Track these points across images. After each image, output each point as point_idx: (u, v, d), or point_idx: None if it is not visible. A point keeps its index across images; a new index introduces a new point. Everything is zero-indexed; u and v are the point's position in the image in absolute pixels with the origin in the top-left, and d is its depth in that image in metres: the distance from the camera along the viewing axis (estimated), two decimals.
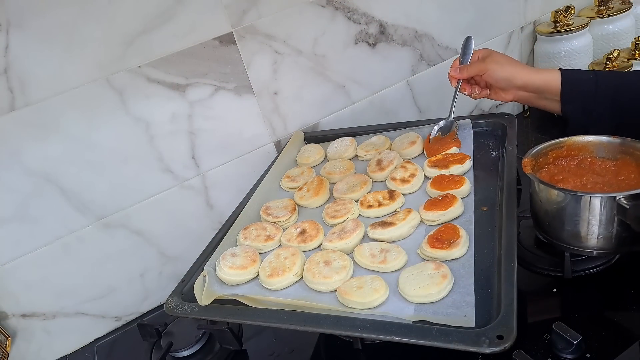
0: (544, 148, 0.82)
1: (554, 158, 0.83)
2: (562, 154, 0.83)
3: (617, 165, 0.78)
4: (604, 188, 0.74)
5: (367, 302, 0.68)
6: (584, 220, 0.71)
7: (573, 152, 0.82)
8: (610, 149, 0.80)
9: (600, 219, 0.70)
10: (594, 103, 0.88)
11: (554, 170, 0.81)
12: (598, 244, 0.73)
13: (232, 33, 1.04)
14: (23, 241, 0.96)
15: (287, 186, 1.04)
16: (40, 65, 0.88)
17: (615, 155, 0.80)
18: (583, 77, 0.90)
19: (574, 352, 0.69)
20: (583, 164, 0.80)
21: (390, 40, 1.25)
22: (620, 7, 1.37)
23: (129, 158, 1.02)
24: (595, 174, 0.78)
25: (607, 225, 0.70)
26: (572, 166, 0.81)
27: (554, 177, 0.79)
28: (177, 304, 0.77)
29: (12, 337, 1.00)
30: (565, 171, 0.80)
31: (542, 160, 0.82)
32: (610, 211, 0.68)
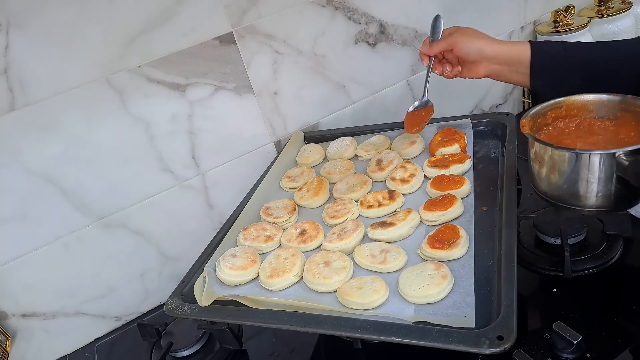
0: (543, 108, 0.80)
1: (552, 119, 0.81)
2: (561, 114, 0.81)
3: (616, 124, 0.77)
4: (604, 146, 0.73)
5: (367, 302, 0.68)
6: (582, 179, 0.69)
7: (572, 112, 0.80)
8: (610, 108, 0.78)
9: (600, 177, 0.68)
10: (562, 77, 0.86)
11: (553, 132, 0.79)
12: (597, 202, 0.71)
13: (232, 33, 1.04)
14: (23, 241, 0.96)
15: (287, 186, 1.04)
16: (40, 65, 0.88)
17: (615, 113, 0.78)
18: (552, 50, 0.88)
19: (574, 352, 0.69)
20: (582, 125, 0.79)
21: (390, 40, 1.25)
22: (620, 7, 1.37)
23: (129, 158, 1.02)
24: (595, 134, 0.77)
25: (607, 182, 0.68)
26: (571, 127, 0.79)
27: (553, 139, 0.78)
28: (177, 304, 0.77)
29: (12, 337, 1.00)
30: (565, 133, 0.79)
31: (541, 121, 0.80)
32: (610, 168, 0.67)
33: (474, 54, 0.92)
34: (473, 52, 0.92)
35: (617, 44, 0.89)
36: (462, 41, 0.93)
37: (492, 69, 0.93)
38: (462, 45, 0.93)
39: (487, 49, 0.91)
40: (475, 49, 0.92)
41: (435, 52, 0.97)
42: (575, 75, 0.85)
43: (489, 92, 1.44)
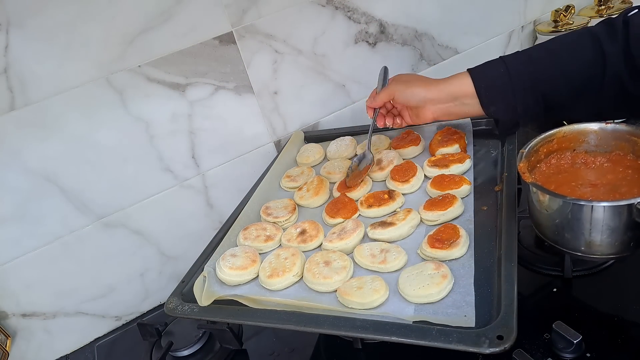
0: (535, 145, 0.78)
1: (545, 154, 0.79)
2: (552, 148, 0.79)
3: (611, 161, 0.76)
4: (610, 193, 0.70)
5: (367, 302, 0.68)
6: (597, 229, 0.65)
7: (564, 145, 0.79)
8: (603, 137, 0.77)
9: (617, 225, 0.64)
10: (514, 97, 0.82)
11: (547, 171, 0.78)
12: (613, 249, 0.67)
13: (232, 32, 1.04)
14: (23, 241, 0.96)
15: (287, 186, 1.04)
16: (40, 64, 0.88)
17: (609, 143, 0.76)
18: (493, 73, 0.84)
19: (574, 352, 0.69)
20: (577, 163, 0.77)
21: (391, 40, 1.25)
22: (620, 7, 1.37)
23: (129, 158, 1.02)
24: (591, 171, 0.76)
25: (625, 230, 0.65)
26: (565, 166, 0.77)
27: (549, 178, 0.76)
28: (177, 304, 0.77)
29: (12, 336, 1.00)
30: (561, 171, 0.77)
31: (534, 159, 0.78)
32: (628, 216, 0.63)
33: (414, 100, 0.90)
34: (412, 98, 0.90)
35: (556, 42, 0.83)
36: (400, 89, 0.91)
37: (438, 109, 0.90)
38: (400, 93, 0.91)
39: (425, 92, 0.89)
40: (412, 94, 0.90)
41: (378, 104, 0.95)
42: (526, 93, 0.82)
43: None
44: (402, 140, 1.03)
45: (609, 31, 0.77)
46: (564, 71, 0.80)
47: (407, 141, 1.02)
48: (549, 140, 0.79)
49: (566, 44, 0.81)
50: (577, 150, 0.79)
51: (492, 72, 0.84)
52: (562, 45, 0.82)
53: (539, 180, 0.74)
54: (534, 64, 0.82)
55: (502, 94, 0.83)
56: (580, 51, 0.79)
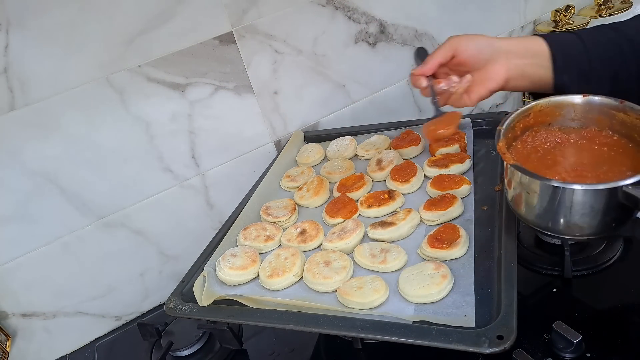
0: (512, 121, 0.73)
1: (521, 130, 0.74)
2: (529, 123, 0.74)
3: (585, 137, 0.73)
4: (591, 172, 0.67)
5: (367, 302, 0.68)
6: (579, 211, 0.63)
7: (540, 119, 0.74)
8: (580, 111, 0.73)
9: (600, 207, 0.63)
10: (590, 67, 0.73)
11: (523, 150, 0.73)
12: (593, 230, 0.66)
13: (232, 32, 1.04)
14: (23, 241, 0.96)
15: (287, 186, 1.04)
16: (40, 64, 0.88)
17: (586, 116, 0.73)
18: (567, 39, 0.74)
19: (574, 352, 0.69)
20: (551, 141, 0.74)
21: (391, 40, 1.25)
22: (621, 7, 1.37)
23: (129, 157, 1.02)
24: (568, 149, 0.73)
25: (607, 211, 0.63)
26: (541, 144, 0.73)
27: (527, 157, 0.72)
28: (177, 304, 0.77)
29: (13, 336, 1.00)
30: (537, 150, 0.73)
31: (511, 135, 0.73)
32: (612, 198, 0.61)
33: (485, 49, 0.74)
34: (485, 47, 0.74)
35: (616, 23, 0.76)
36: (464, 40, 0.75)
37: (514, 65, 0.74)
38: (465, 43, 0.74)
39: (499, 42, 0.74)
40: (483, 43, 0.74)
41: (431, 66, 0.77)
42: (602, 65, 0.73)
43: None
44: (402, 140, 1.03)
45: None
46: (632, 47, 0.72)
47: (407, 141, 1.02)
48: (525, 115, 0.74)
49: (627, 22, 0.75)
50: (552, 125, 0.76)
51: (564, 37, 0.74)
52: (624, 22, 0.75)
53: (518, 160, 0.70)
54: (604, 36, 0.74)
55: (576, 62, 0.73)
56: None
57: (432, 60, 0.76)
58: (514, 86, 0.76)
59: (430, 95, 0.79)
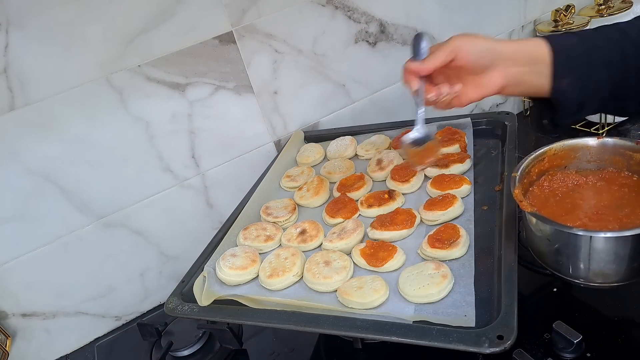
0: (527, 166, 0.72)
1: (537, 174, 0.74)
2: (544, 167, 0.74)
3: (604, 179, 0.71)
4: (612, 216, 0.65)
5: (367, 302, 0.68)
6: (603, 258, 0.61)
7: (555, 162, 0.74)
8: (595, 152, 0.73)
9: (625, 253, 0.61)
10: (590, 70, 0.70)
11: (541, 194, 0.72)
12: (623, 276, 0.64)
13: (232, 32, 1.04)
14: (23, 241, 0.96)
15: (287, 186, 1.04)
16: (40, 64, 0.88)
17: (602, 158, 0.72)
18: (569, 42, 0.71)
19: (574, 352, 0.69)
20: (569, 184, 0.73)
21: (391, 40, 1.25)
22: (621, 6, 1.37)
23: (129, 157, 1.02)
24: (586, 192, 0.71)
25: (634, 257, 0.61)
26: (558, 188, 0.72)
27: (545, 203, 0.71)
28: (177, 304, 0.77)
29: (12, 336, 1.00)
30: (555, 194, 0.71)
31: (527, 181, 0.72)
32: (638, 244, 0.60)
33: (487, 55, 0.70)
34: (486, 53, 0.70)
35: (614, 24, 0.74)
36: (467, 44, 0.71)
37: (511, 73, 0.71)
38: (467, 48, 0.70)
39: (501, 47, 0.71)
40: (485, 48, 0.70)
41: (430, 67, 0.72)
42: (602, 68, 0.70)
43: None
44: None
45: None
46: (635, 49, 0.69)
47: None
48: (540, 160, 0.74)
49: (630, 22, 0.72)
50: (568, 169, 0.75)
51: (567, 40, 0.71)
52: (627, 22, 0.72)
53: (535, 205, 0.69)
54: (606, 36, 0.71)
55: (578, 66, 0.70)
56: None
57: (430, 62, 0.72)
58: (509, 92, 0.75)
59: (417, 100, 0.75)
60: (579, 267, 0.65)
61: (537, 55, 0.71)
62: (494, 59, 0.71)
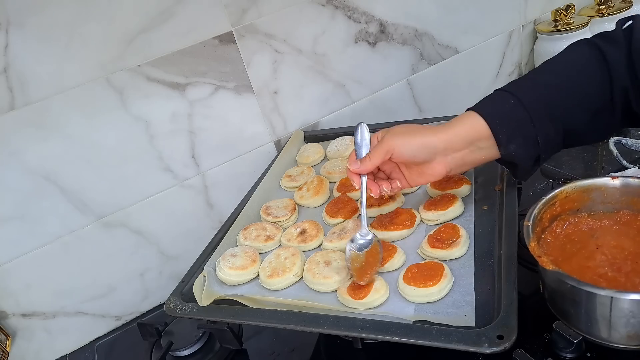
0: (538, 213, 0.68)
1: (549, 220, 0.69)
2: (556, 212, 0.70)
3: (620, 223, 0.67)
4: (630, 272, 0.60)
5: (368, 302, 0.68)
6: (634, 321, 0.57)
7: (567, 206, 0.70)
8: (609, 194, 0.68)
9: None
10: (534, 128, 0.69)
11: (554, 242, 0.67)
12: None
13: (232, 32, 1.04)
14: (23, 240, 0.96)
15: (287, 186, 1.04)
16: (40, 64, 0.88)
17: (617, 199, 0.68)
18: (505, 107, 0.70)
19: (574, 351, 0.68)
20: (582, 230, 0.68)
21: (391, 39, 1.25)
22: (621, 6, 1.37)
23: (129, 157, 1.02)
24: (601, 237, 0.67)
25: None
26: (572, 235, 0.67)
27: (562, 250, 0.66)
28: (177, 304, 0.77)
29: (12, 336, 1.00)
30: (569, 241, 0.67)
31: (539, 229, 0.67)
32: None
33: (423, 153, 0.72)
34: (420, 152, 0.72)
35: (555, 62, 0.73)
36: (400, 143, 0.72)
37: (452, 159, 0.73)
38: (400, 148, 0.72)
39: (435, 141, 0.71)
40: (419, 147, 0.72)
41: (368, 169, 0.75)
42: (546, 122, 0.69)
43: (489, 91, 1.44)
44: None
45: (609, 41, 0.69)
46: (576, 91, 0.69)
47: None
48: (551, 204, 0.69)
49: (568, 61, 0.72)
50: (580, 212, 0.71)
51: (503, 106, 0.71)
52: (564, 63, 0.72)
53: (551, 254, 0.65)
54: (545, 88, 0.70)
55: (520, 128, 0.69)
56: (585, 65, 0.70)
57: (368, 164, 0.75)
58: (458, 172, 0.77)
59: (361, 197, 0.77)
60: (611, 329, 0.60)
61: (473, 135, 0.71)
62: (428, 154, 0.72)
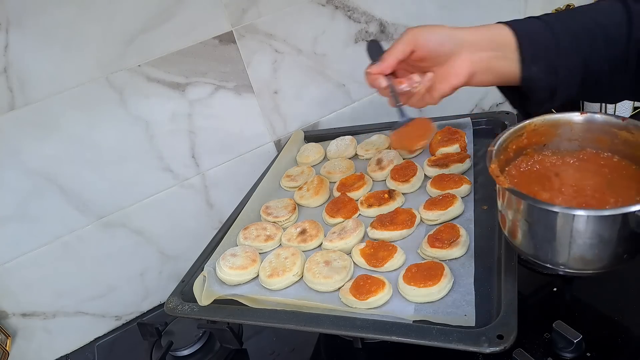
0: (504, 141, 0.67)
1: (515, 151, 0.69)
2: (522, 144, 0.69)
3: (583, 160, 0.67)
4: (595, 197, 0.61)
5: (371, 302, 0.68)
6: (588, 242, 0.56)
7: (534, 139, 0.69)
8: (577, 130, 0.67)
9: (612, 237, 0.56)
10: (557, 56, 0.66)
11: (518, 175, 0.67)
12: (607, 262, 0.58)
13: (232, 32, 1.04)
14: (23, 240, 0.96)
15: (287, 185, 1.04)
16: (39, 64, 0.88)
17: (584, 136, 0.67)
18: (533, 28, 0.68)
19: (574, 351, 0.69)
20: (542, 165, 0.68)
21: (391, 39, 1.25)
22: None
23: (129, 157, 1.02)
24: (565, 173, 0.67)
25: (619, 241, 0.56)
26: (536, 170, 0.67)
27: (522, 182, 0.66)
28: (177, 304, 0.77)
29: (13, 336, 1.00)
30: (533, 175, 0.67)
31: (504, 157, 0.67)
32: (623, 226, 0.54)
33: (447, 42, 0.67)
34: (447, 39, 0.67)
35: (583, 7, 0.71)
36: (423, 33, 0.68)
37: (478, 58, 0.68)
38: (425, 37, 0.67)
39: (461, 33, 0.67)
40: (444, 35, 0.67)
41: (390, 63, 0.69)
42: (570, 53, 0.67)
43: (489, 91, 1.44)
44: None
45: None
46: (599, 33, 0.66)
47: None
48: (518, 135, 0.68)
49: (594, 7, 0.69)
50: (547, 146, 0.70)
51: (532, 26, 0.68)
52: (592, 8, 0.69)
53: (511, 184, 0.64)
54: (573, 22, 0.67)
55: (545, 51, 0.67)
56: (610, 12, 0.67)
57: (390, 57, 0.69)
58: (480, 81, 0.70)
59: (391, 96, 0.72)
60: (560, 253, 0.59)
61: (501, 40, 0.67)
62: (455, 45, 0.67)
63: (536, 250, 0.62)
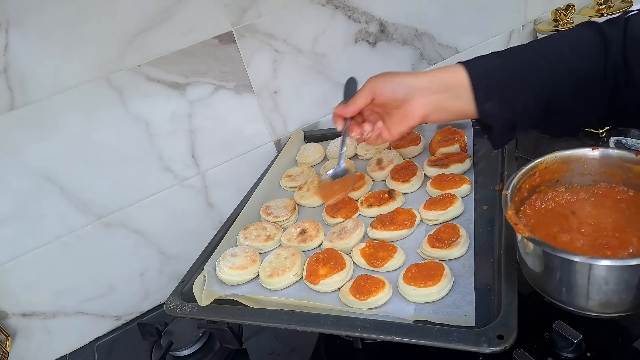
0: (518, 182, 0.68)
1: (528, 191, 0.69)
2: (535, 182, 0.70)
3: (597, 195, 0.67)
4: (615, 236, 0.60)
5: (372, 302, 0.68)
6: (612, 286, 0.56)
7: (547, 177, 0.70)
8: (590, 165, 0.68)
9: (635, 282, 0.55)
10: (513, 92, 0.69)
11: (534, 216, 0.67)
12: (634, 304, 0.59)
13: (232, 32, 1.04)
14: (23, 240, 0.96)
15: (287, 185, 1.04)
16: (39, 64, 0.88)
17: (597, 170, 0.68)
18: (490, 65, 0.71)
19: (574, 351, 0.68)
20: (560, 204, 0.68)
21: (391, 39, 1.25)
22: (621, 6, 1.37)
23: (129, 157, 1.02)
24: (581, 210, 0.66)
25: None
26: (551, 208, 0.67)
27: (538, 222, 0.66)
28: (177, 304, 0.77)
29: (12, 336, 1.00)
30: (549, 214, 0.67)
31: (518, 199, 0.67)
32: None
33: (402, 90, 0.74)
34: (399, 88, 0.74)
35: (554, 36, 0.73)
36: (380, 83, 0.76)
37: (429, 102, 0.73)
38: (381, 86, 0.76)
39: (414, 80, 0.74)
40: (398, 84, 0.75)
41: (353, 110, 0.79)
42: (526, 88, 0.69)
43: None
44: (402, 139, 1.03)
45: (610, 23, 0.68)
46: (567, 63, 0.68)
47: (407, 141, 1.02)
48: (531, 174, 0.69)
49: (566, 35, 0.71)
50: (560, 182, 0.71)
51: (488, 64, 0.72)
52: (563, 36, 0.72)
53: (528, 226, 0.64)
54: (534, 55, 0.70)
55: (499, 88, 0.70)
56: (582, 39, 0.69)
57: (353, 105, 0.78)
58: (436, 119, 0.76)
59: (342, 137, 0.82)
60: (585, 298, 0.59)
61: (453, 82, 0.72)
62: (407, 92, 0.74)
63: (563, 296, 0.62)
